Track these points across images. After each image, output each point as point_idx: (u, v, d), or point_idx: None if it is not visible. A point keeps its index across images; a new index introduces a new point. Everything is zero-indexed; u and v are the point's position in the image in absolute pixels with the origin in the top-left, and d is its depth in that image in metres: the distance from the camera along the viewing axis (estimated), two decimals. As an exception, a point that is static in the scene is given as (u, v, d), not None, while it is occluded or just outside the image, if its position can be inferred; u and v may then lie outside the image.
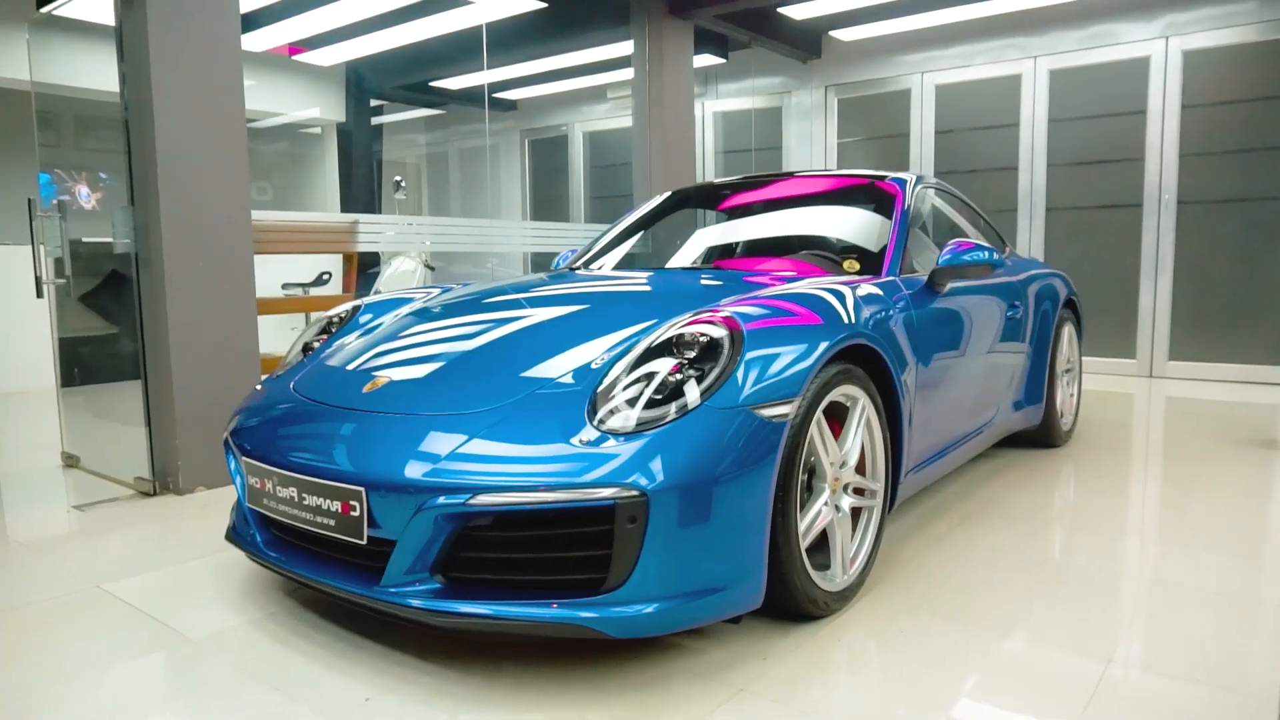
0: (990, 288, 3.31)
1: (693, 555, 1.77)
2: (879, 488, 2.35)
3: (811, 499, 2.11)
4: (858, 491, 2.29)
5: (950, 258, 2.86)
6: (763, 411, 1.88)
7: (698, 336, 1.96)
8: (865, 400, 2.26)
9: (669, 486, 1.71)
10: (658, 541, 1.72)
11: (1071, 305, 4.19)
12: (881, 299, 2.50)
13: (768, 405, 1.89)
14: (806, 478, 2.09)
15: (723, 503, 1.79)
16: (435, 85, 8.44)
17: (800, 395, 1.97)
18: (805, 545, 2.03)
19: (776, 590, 1.96)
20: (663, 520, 1.71)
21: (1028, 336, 3.68)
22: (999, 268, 3.12)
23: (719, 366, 1.89)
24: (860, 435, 2.26)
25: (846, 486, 2.22)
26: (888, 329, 2.42)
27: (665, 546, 1.73)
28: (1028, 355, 3.70)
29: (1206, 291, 6.13)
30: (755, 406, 1.87)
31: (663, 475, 1.72)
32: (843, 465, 2.20)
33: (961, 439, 3.10)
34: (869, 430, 2.30)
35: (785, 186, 3.59)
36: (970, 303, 3.09)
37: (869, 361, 2.31)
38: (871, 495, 2.33)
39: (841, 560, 2.19)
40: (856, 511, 2.30)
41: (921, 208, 3.30)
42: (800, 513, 2.03)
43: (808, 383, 1.99)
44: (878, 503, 2.35)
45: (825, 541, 2.17)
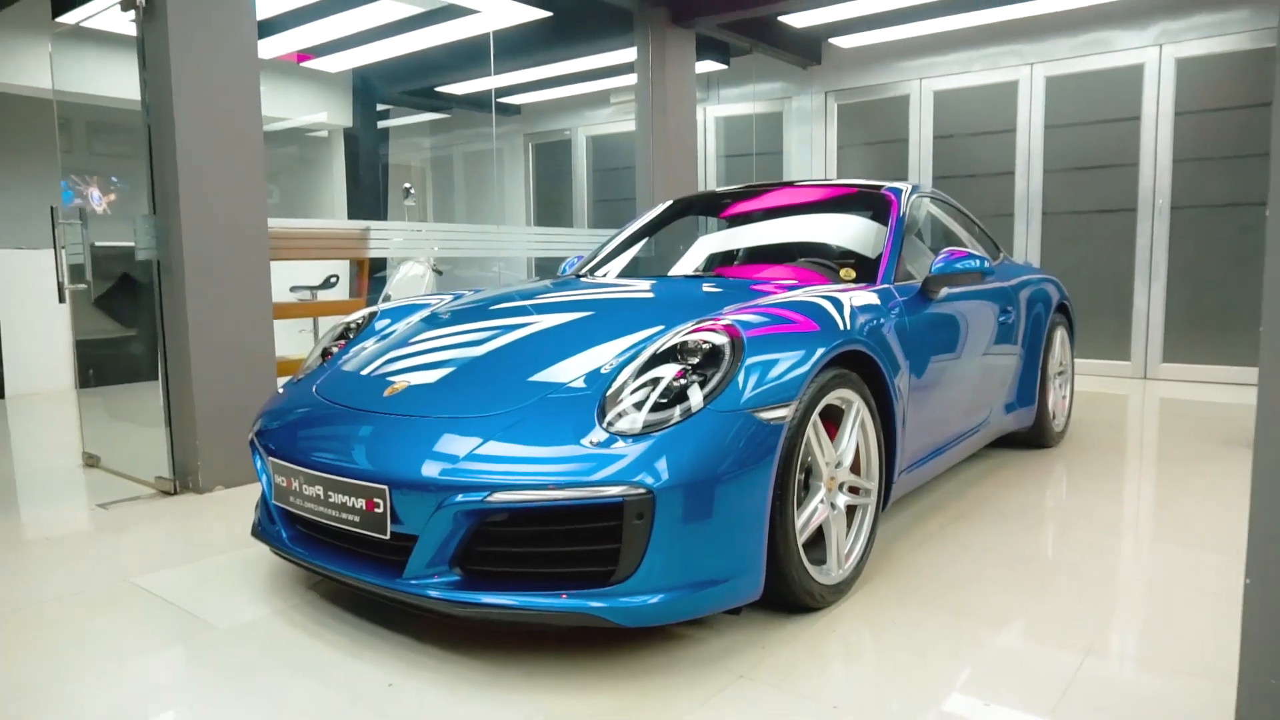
0: (982, 293, 3.42)
1: (696, 549, 1.89)
2: (873, 486, 2.46)
3: (808, 497, 2.22)
4: (853, 490, 2.40)
5: (943, 265, 2.97)
6: (762, 414, 1.99)
7: (701, 343, 2.08)
8: (859, 403, 2.37)
9: (674, 485, 1.83)
10: (663, 536, 1.83)
11: (1064, 310, 4.29)
12: (876, 306, 2.61)
13: (766, 408, 2.00)
14: (803, 477, 2.20)
15: (724, 500, 1.91)
16: (440, 90, 8.56)
17: (797, 399, 2.08)
18: (802, 541, 2.14)
19: (775, 583, 2.07)
20: (668, 516, 1.83)
21: (1020, 340, 3.78)
22: (990, 275, 3.23)
23: (721, 372, 2.00)
24: (855, 436, 2.37)
25: (842, 485, 2.34)
26: (881, 335, 2.53)
27: (670, 541, 1.84)
28: (1020, 358, 3.80)
29: (1200, 295, 6.23)
30: (755, 409, 1.98)
31: (668, 474, 1.83)
32: (838, 465, 2.31)
33: (954, 440, 3.21)
34: (863, 432, 2.42)
35: (784, 195, 3.70)
36: (963, 308, 3.20)
37: (864, 366, 2.42)
38: (866, 494, 2.45)
39: (837, 555, 2.30)
40: (851, 509, 2.42)
41: (917, 215, 3.41)
42: (797, 510, 2.14)
43: (804, 387, 2.11)
44: (872, 501, 2.46)
45: (821, 537, 2.28)
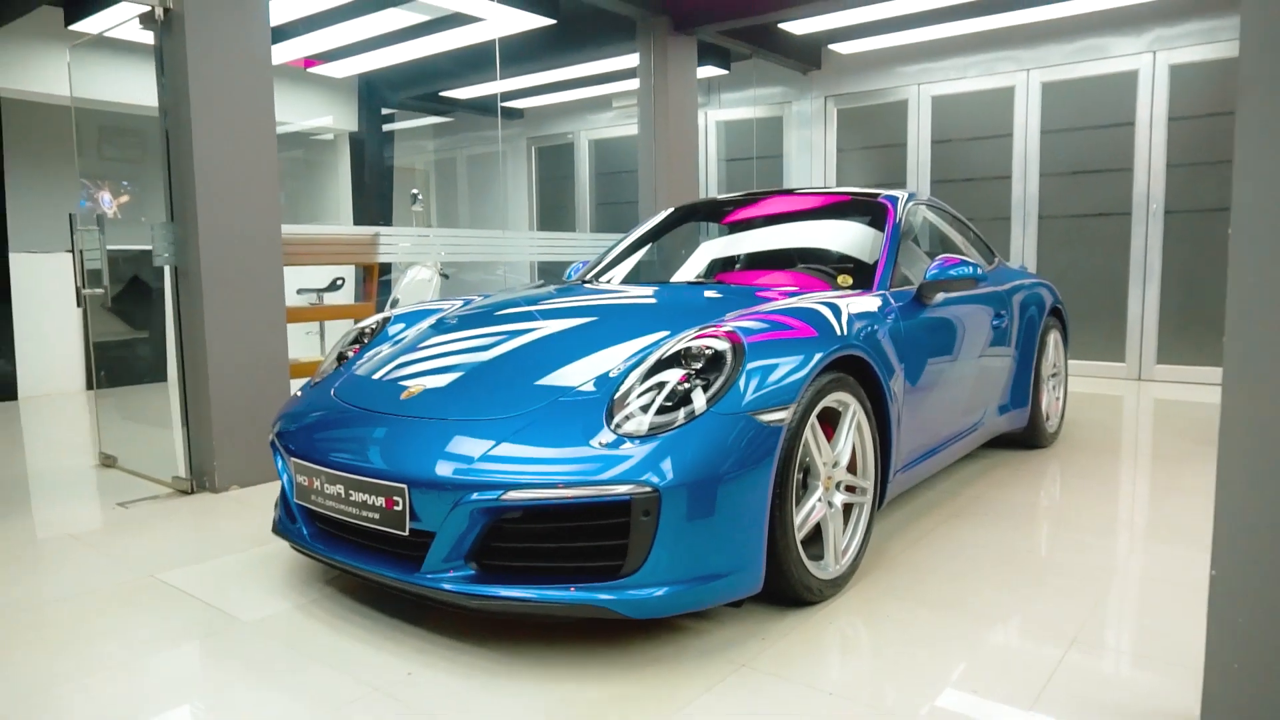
0: (976, 298, 3.52)
1: (699, 545, 1.99)
2: (869, 485, 2.56)
3: (806, 495, 2.32)
4: (849, 489, 2.50)
5: (936, 272, 3.07)
6: (762, 417, 2.09)
7: (704, 349, 2.18)
8: (856, 406, 2.47)
9: (678, 484, 1.93)
10: (668, 533, 1.93)
11: (1057, 313, 4.39)
12: (872, 313, 2.71)
13: (766, 411, 2.11)
14: (802, 476, 2.30)
15: (726, 498, 2.01)
16: (444, 95, 8.67)
17: (796, 402, 2.18)
18: (800, 537, 2.24)
19: (774, 577, 2.17)
20: (673, 514, 1.93)
21: (1013, 343, 3.88)
22: (983, 280, 3.32)
23: (723, 376, 2.11)
24: (851, 437, 2.47)
25: (839, 484, 2.44)
26: (877, 340, 2.63)
27: (675, 537, 1.94)
28: (1013, 361, 3.90)
29: (1193, 297, 6.33)
30: (755, 412, 2.09)
31: (673, 474, 1.93)
32: (835, 465, 2.42)
33: (949, 440, 3.31)
34: (859, 433, 2.52)
35: (783, 203, 3.79)
36: (957, 313, 3.30)
37: (860, 370, 2.52)
38: (862, 492, 2.55)
39: (834, 551, 2.40)
40: (848, 507, 2.52)
41: (913, 222, 3.51)
42: (796, 507, 2.24)
43: (803, 390, 2.21)
44: (868, 499, 2.56)
45: (819, 534, 2.38)
